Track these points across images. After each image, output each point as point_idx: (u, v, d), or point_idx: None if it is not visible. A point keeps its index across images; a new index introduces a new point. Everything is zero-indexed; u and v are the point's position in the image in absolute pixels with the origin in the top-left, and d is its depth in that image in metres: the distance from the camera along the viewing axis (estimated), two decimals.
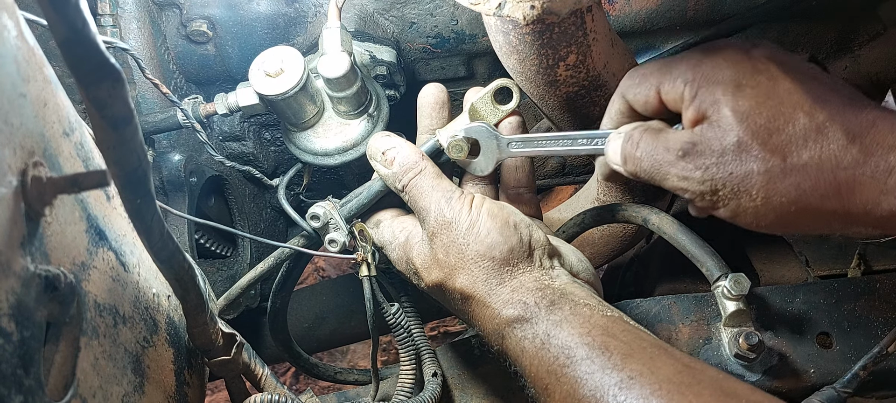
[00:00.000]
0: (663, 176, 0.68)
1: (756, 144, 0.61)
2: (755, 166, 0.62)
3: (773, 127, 0.61)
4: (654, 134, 0.69)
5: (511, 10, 0.64)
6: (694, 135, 0.65)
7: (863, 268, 1.13)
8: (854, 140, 0.59)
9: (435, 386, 0.84)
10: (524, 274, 0.71)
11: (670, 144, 0.66)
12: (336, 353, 2.24)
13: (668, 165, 0.67)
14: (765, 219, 0.64)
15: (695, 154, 0.65)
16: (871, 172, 0.59)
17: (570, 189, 1.75)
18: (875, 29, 1.11)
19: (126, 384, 0.56)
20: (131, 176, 0.44)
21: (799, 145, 0.61)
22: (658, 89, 0.69)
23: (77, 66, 0.38)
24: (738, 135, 0.62)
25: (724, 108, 0.63)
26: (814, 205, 0.61)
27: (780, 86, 0.63)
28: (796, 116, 0.61)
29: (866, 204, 0.59)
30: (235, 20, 1.00)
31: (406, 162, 0.76)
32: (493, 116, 0.80)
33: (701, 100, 0.65)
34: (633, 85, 0.72)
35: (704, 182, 0.65)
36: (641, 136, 0.70)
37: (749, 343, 0.81)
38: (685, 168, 0.65)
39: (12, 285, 0.40)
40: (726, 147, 0.63)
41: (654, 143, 0.68)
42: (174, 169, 0.95)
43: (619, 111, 0.74)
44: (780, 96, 0.62)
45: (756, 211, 0.63)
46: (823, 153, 0.60)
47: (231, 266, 1.12)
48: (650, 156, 0.68)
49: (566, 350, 0.64)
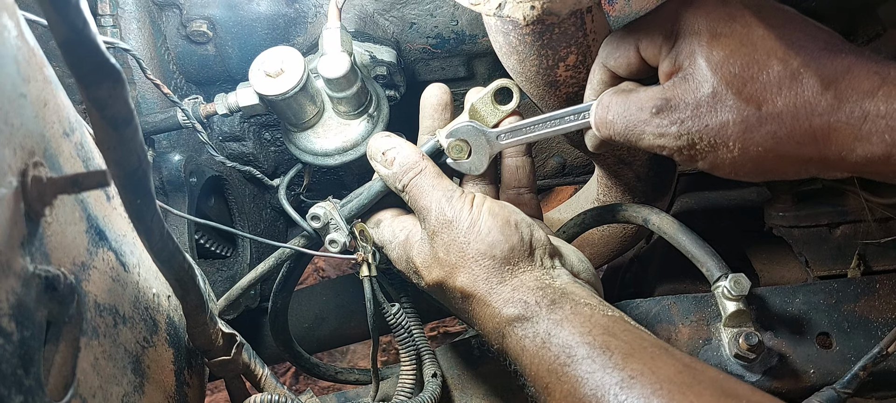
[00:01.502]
0: (638, 135, 0.66)
1: (730, 94, 0.61)
2: (730, 116, 0.61)
3: (747, 75, 0.60)
4: (625, 94, 0.68)
5: (511, 10, 0.64)
6: (667, 90, 0.64)
7: (862, 269, 1.13)
8: (829, 86, 0.59)
9: (435, 387, 0.84)
10: (525, 273, 0.71)
11: (643, 102, 0.65)
12: (336, 353, 2.24)
13: (642, 124, 0.65)
14: (743, 169, 0.63)
15: (669, 109, 0.63)
16: (846, 118, 0.58)
17: (570, 189, 1.75)
18: (875, 30, 1.11)
19: (126, 384, 0.56)
20: (131, 176, 0.44)
21: (774, 93, 0.60)
22: (637, 47, 0.68)
23: (77, 66, 0.38)
24: (712, 85, 0.61)
25: (699, 59, 0.62)
26: (790, 153, 0.61)
27: (755, 33, 0.61)
28: (770, 63, 0.60)
29: (841, 150, 0.59)
30: (235, 20, 1.00)
31: (406, 162, 0.77)
32: (493, 116, 0.80)
33: (677, 51, 0.64)
34: (612, 49, 0.70)
35: (681, 136, 0.63)
36: (611, 99, 0.69)
37: (749, 343, 0.81)
38: (660, 124, 0.64)
39: (12, 285, 0.40)
40: (701, 98, 0.62)
41: (626, 103, 0.67)
42: (174, 169, 0.95)
43: (601, 81, 0.73)
44: (754, 43, 0.61)
45: (734, 161, 0.63)
46: (798, 100, 0.59)
47: (231, 266, 1.12)
48: (623, 117, 0.67)
49: (567, 349, 0.64)
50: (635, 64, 0.69)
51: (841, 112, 0.58)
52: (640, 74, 0.70)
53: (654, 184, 0.99)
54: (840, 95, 0.58)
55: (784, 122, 0.60)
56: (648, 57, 0.68)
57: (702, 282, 0.92)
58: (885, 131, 0.57)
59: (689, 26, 0.64)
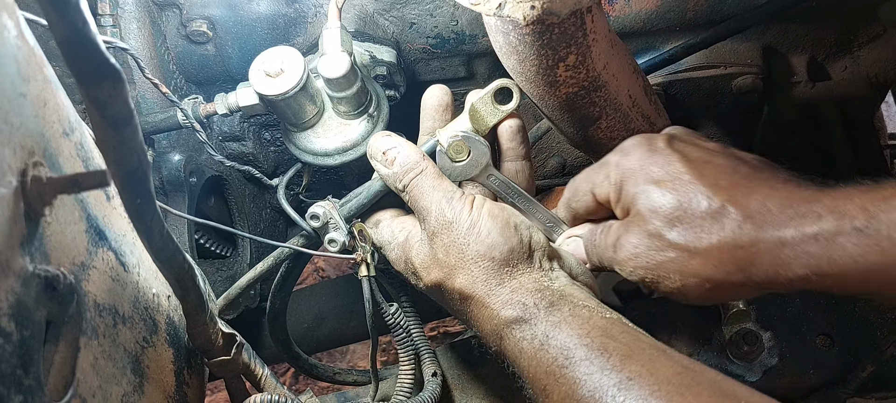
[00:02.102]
0: (610, 265, 0.74)
1: (665, 235, 0.68)
2: (667, 255, 0.68)
3: (676, 216, 0.67)
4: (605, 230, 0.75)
5: (511, 10, 0.64)
6: (618, 231, 0.72)
7: None
8: (747, 218, 0.64)
9: (434, 386, 0.84)
10: (524, 276, 0.71)
11: (607, 240, 0.74)
12: (335, 353, 2.24)
13: (609, 259, 0.74)
14: (689, 297, 0.69)
15: (620, 247, 0.71)
16: (766, 247, 0.63)
17: None
18: (875, 30, 1.11)
19: (126, 384, 0.56)
20: (131, 176, 0.44)
21: (700, 231, 0.66)
22: (593, 194, 0.76)
23: (77, 66, 0.38)
24: (650, 228, 0.68)
25: (639, 204, 0.69)
26: (723, 280, 0.66)
27: (682, 177, 0.68)
28: (696, 204, 0.67)
29: (766, 275, 0.64)
30: (235, 20, 1.00)
31: (407, 162, 0.77)
32: (493, 116, 0.80)
33: (624, 197, 0.72)
34: (574, 195, 0.79)
35: (632, 272, 0.71)
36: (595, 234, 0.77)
37: (749, 344, 0.81)
38: (618, 260, 0.72)
39: (12, 285, 0.40)
40: (641, 241, 0.69)
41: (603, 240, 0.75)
42: (174, 169, 0.95)
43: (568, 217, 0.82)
44: (681, 187, 0.68)
45: (679, 290, 0.69)
46: (722, 234, 0.65)
47: (231, 266, 1.12)
48: (602, 252, 0.75)
49: (565, 351, 0.64)
50: (593, 207, 0.77)
51: (760, 243, 0.63)
52: (600, 215, 0.78)
53: None
54: (758, 227, 0.63)
55: (711, 256, 0.65)
56: (603, 202, 0.75)
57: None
58: (801, 256, 0.61)
59: (630, 174, 0.71)
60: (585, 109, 0.82)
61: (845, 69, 1.16)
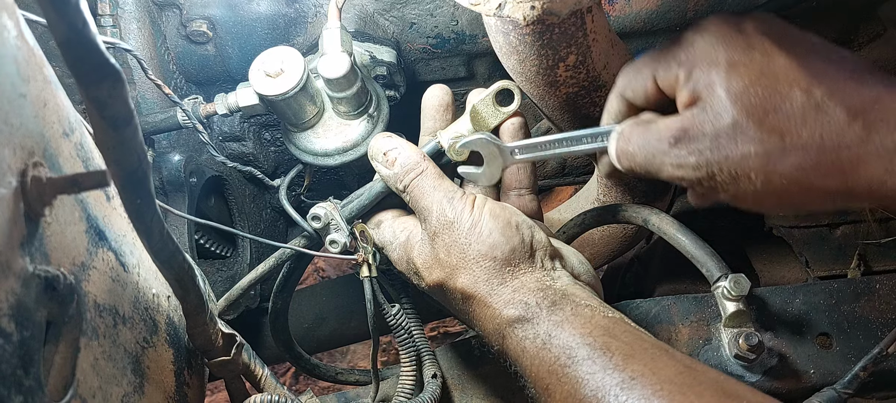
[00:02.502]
0: (658, 166, 0.65)
1: (752, 124, 0.59)
2: (752, 148, 0.59)
3: (769, 105, 0.59)
4: (645, 125, 0.67)
5: (511, 10, 0.64)
6: (685, 120, 0.63)
7: (862, 269, 1.13)
8: (856, 116, 0.57)
9: (435, 387, 0.84)
10: (526, 275, 0.71)
11: (662, 133, 0.64)
12: (336, 354, 2.24)
13: (661, 155, 0.64)
14: (766, 201, 0.62)
15: (687, 139, 0.62)
16: (876, 150, 0.56)
17: (569, 189, 1.75)
18: (875, 29, 1.11)
19: (126, 384, 0.56)
20: (131, 176, 0.44)
21: (798, 123, 0.58)
22: (654, 77, 0.67)
23: (77, 66, 0.38)
24: (733, 115, 0.60)
25: (718, 89, 0.60)
26: (816, 185, 0.59)
27: (776, 63, 0.60)
28: (793, 93, 0.59)
29: (870, 183, 0.57)
30: (235, 20, 1.00)
31: (408, 162, 0.76)
32: (494, 118, 0.80)
33: (695, 81, 0.63)
34: (630, 79, 0.70)
35: (700, 167, 0.62)
36: (632, 130, 0.68)
37: (749, 343, 0.81)
38: (678, 155, 0.63)
39: (12, 285, 0.40)
40: (721, 129, 0.60)
41: (646, 135, 0.66)
42: (174, 169, 0.95)
43: (618, 110, 0.72)
44: (775, 73, 0.59)
45: (756, 193, 0.61)
46: (824, 131, 0.57)
47: (231, 266, 1.12)
48: (643, 149, 0.66)
49: (567, 351, 0.64)
50: (652, 94, 0.68)
51: (870, 144, 0.56)
52: (658, 104, 0.69)
53: (653, 185, 0.99)
54: (869, 126, 0.56)
55: (809, 154, 0.58)
56: (665, 87, 0.66)
57: (702, 283, 0.92)
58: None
59: (705, 55, 0.62)
60: (586, 109, 0.82)
61: None
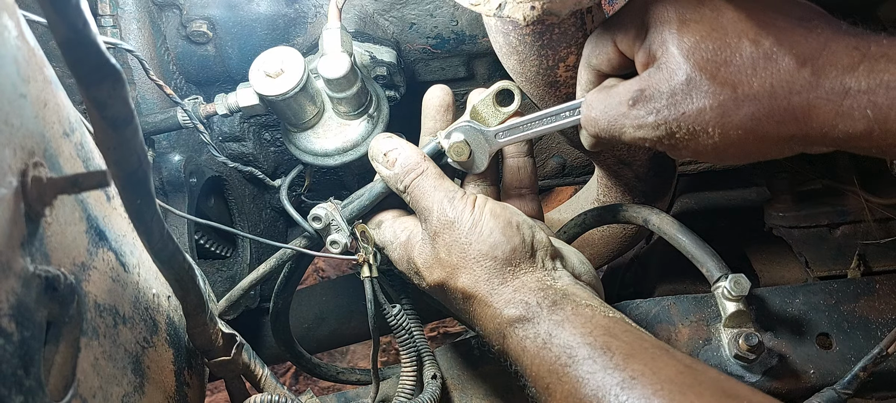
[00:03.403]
0: (620, 130, 0.66)
1: (705, 79, 0.60)
2: (707, 102, 0.60)
3: (720, 59, 0.60)
4: (606, 91, 0.68)
5: (511, 10, 0.64)
6: (642, 81, 0.63)
7: (862, 269, 1.13)
8: (805, 63, 0.57)
9: (434, 388, 0.84)
10: (526, 275, 0.71)
11: (621, 96, 0.65)
12: (336, 354, 2.24)
13: (621, 117, 0.65)
14: (725, 153, 0.62)
15: (644, 99, 0.63)
16: (826, 95, 0.57)
17: (570, 189, 1.75)
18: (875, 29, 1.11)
19: (126, 384, 0.56)
20: (131, 176, 0.44)
21: (748, 74, 0.59)
22: (614, 42, 0.67)
23: (77, 66, 0.38)
24: (686, 72, 0.60)
25: (671, 47, 0.61)
26: (771, 133, 0.60)
27: (724, 16, 0.61)
28: (742, 45, 0.59)
29: (823, 127, 0.58)
30: (235, 21, 1.00)
31: (408, 162, 0.77)
32: (494, 118, 0.80)
33: (650, 41, 0.63)
34: (593, 47, 0.70)
35: (658, 126, 0.63)
36: (595, 96, 0.68)
37: (749, 344, 0.81)
38: (637, 116, 0.63)
39: (12, 285, 0.40)
40: (675, 86, 0.61)
41: (607, 99, 0.66)
42: (174, 169, 0.95)
43: (588, 80, 0.73)
44: (724, 26, 0.60)
45: (715, 146, 0.62)
46: (774, 79, 0.58)
47: (231, 266, 1.12)
48: (604, 113, 0.66)
49: (568, 350, 0.64)
50: (615, 59, 0.69)
51: (820, 88, 0.57)
52: (623, 69, 0.69)
53: (653, 185, 0.99)
54: (818, 71, 0.57)
55: (761, 103, 0.59)
56: (625, 50, 0.67)
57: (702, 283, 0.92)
58: (866, 106, 0.55)
59: (658, 15, 0.63)
60: None
61: None
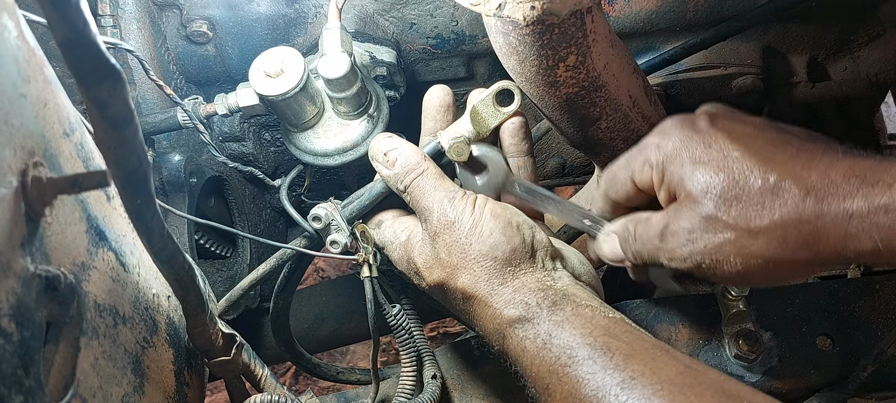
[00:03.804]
0: (655, 259, 0.71)
1: (720, 216, 0.64)
2: (725, 236, 0.64)
3: (731, 196, 0.64)
4: (644, 223, 0.72)
5: (511, 10, 0.64)
6: (667, 217, 0.68)
7: (862, 270, 1.13)
8: (809, 193, 0.61)
9: (434, 388, 0.84)
10: (526, 275, 0.71)
11: (652, 229, 0.70)
12: (336, 354, 2.24)
13: (656, 250, 0.70)
14: (750, 280, 0.67)
15: (671, 234, 0.68)
16: (832, 220, 0.60)
17: (570, 190, 1.75)
18: (875, 30, 1.11)
19: (126, 384, 0.56)
20: (131, 176, 0.44)
21: (759, 208, 0.63)
22: (633, 181, 0.72)
23: (77, 66, 0.38)
24: (703, 210, 0.65)
25: (688, 186, 0.66)
26: (788, 259, 0.63)
27: (731, 155, 0.65)
28: (750, 181, 0.64)
29: (835, 249, 0.61)
30: (235, 21, 1.00)
31: (408, 162, 0.77)
32: (494, 118, 0.80)
33: (668, 181, 0.68)
34: (612, 184, 0.75)
35: (686, 259, 0.67)
36: (635, 228, 0.73)
37: (749, 344, 0.81)
38: (667, 249, 0.68)
39: (12, 285, 0.40)
40: (696, 224, 0.66)
41: (646, 232, 0.71)
42: (174, 169, 0.94)
43: (606, 210, 0.78)
44: (731, 165, 0.65)
45: (739, 274, 0.66)
46: (783, 211, 0.62)
47: (231, 266, 1.12)
48: (643, 246, 0.71)
49: (568, 350, 0.64)
50: (634, 193, 0.73)
51: (826, 216, 0.60)
52: (641, 202, 0.74)
53: None
54: (821, 200, 0.61)
55: (775, 234, 0.62)
56: (644, 187, 0.72)
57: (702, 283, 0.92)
58: (870, 228, 0.58)
59: (672, 156, 0.68)
60: (585, 110, 0.82)
61: (845, 69, 1.16)
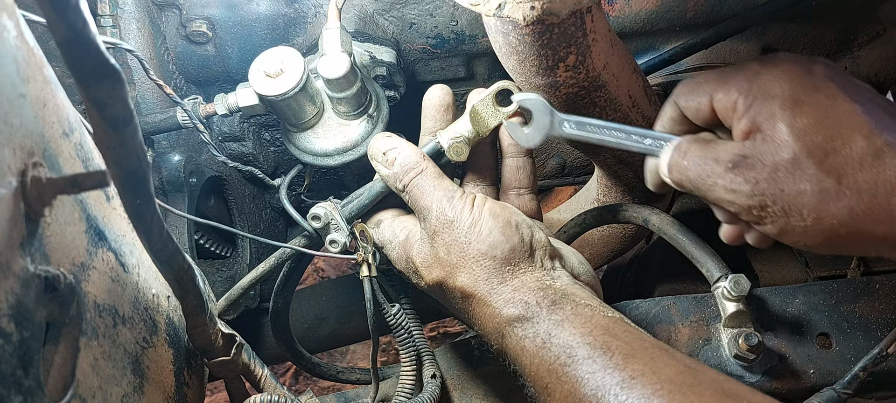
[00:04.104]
0: (709, 187, 0.66)
1: (812, 163, 0.60)
2: (808, 186, 0.60)
3: (829, 147, 0.60)
4: (703, 144, 0.68)
5: (511, 10, 0.64)
6: (746, 148, 0.64)
7: (862, 269, 1.13)
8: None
9: (434, 388, 0.84)
10: (526, 274, 0.71)
11: (720, 155, 0.65)
12: (336, 354, 2.24)
13: (715, 176, 0.65)
14: (813, 240, 0.63)
15: (745, 166, 0.63)
16: None
17: (569, 189, 1.75)
18: (875, 29, 1.11)
19: (125, 384, 0.56)
20: (131, 176, 0.44)
21: (855, 168, 0.59)
22: (711, 98, 0.68)
23: (77, 66, 0.38)
24: (793, 151, 0.61)
25: (780, 123, 0.62)
26: (865, 229, 0.60)
27: (840, 107, 0.61)
28: (854, 139, 0.60)
29: None
30: (235, 21, 1.00)
31: (407, 162, 0.77)
32: (494, 118, 0.80)
33: (756, 111, 0.64)
34: (687, 92, 0.70)
35: (754, 196, 0.63)
36: (689, 146, 0.68)
37: (749, 344, 0.81)
38: (734, 180, 0.64)
39: (12, 285, 0.40)
40: (779, 162, 0.61)
41: (703, 153, 0.67)
42: (174, 169, 0.94)
43: (671, 117, 0.73)
44: (838, 117, 0.61)
45: (805, 231, 0.62)
46: (880, 178, 0.59)
47: (231, 266, 1.12)
48: (698, 166, 0.67)
49: (567, 350, 0.64)
50: (705, 113, 0.68)
51: None
52: (709, 124, 0.70)
53: None
54: None
55: (863, 198, 0.59)
56: (720, 110, 0.67)
57: (702, 283, 0.92)
58: None
59: (769, 89, 0.63)
60: (585, 109, 0.82)
61: (845, 69, 1.16)
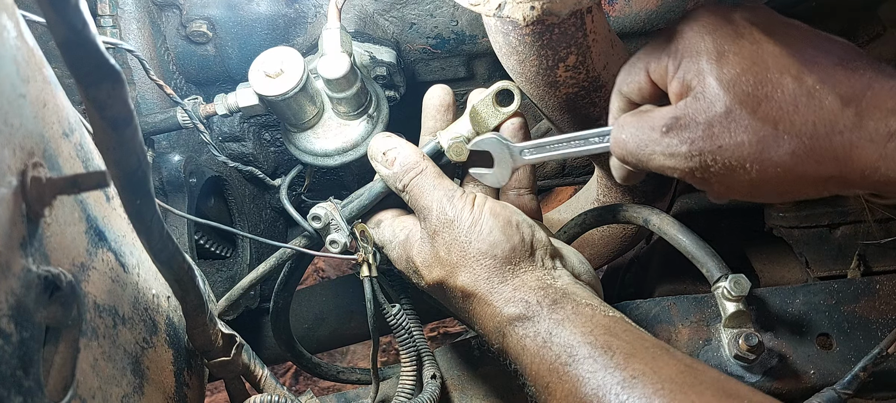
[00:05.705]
0: (649, 155, 0.64)
1: (745, 113, 0.58)
2: (746, 136, 0.58)
3: (761, 93, 0.58)
4: (639, 114, 0.67)
5: (511, 11, 0.64)
6: (678, 109, 0.62)
7: (862, 269, 1.13)
8: (849, 103, 0.56)
9: (434, 388, 0.84)
10: (526, 274, 0.71)
11: (655, 122, 0.63)
12: (336, 354, 2.24)
13: (652, 143, 0.63)
14: (760, 190, 0.61)
15: (679, 127, 0.61)
16: (869, 136, 0.56)
17: (569, 190, 1.75)
18: (875, 29, 1.11)
19: (125, 385, 0.56)
20: (131, 177, 0.44)
21: (790, 111, 0.57)
22: (647, 71, 0.66)
23: (77, 66, 0.38)
24: (725, 104, 0.59)
25: (709, 78, 0.60)
26: (810, 172, 0.58)
27: (765, 50, 0.59)
28: (784, 81, 0.58)
29: (864, 169, 0.56)
30: (235, 21, 1.00)
31: (407, 162, 0.77)
32: (494, 118, 0.80)
33: (684, 70, 0.62)
34: (625, 75, 0.70)
35: (692, 157, 0.61)
36: (626, 119, 0.68)
37: (749, 344, 0.81)
38: (670, 144, 0.62)
39: (12, 286, 0.40)
40: (713, 118, 0.59)
41: (639, 123, 0.65)
42: (174, 169, 0.94)
43: (619, 108, 0.73)
44: (765, 61, 0.59)
45: (751, 183, 0.60)
46: (817, 117, 0.57)
47: (231, 266, 1.12)
48: (634, 136, 0.65)
49: (568, 349, 0.64)
50: (647, 88, 0.68)
51: (863, 130, 0.56)
52: (654, 99, 0.69)
53: (654, 185, 0.99)
54: (862, 113, 0.56)
55: (802, 141, 0.58)
56: (657, 79, 0.66)
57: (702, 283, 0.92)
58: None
59: (693, 45, 0.62)
60: (585, 110, 0.82)
61: None
